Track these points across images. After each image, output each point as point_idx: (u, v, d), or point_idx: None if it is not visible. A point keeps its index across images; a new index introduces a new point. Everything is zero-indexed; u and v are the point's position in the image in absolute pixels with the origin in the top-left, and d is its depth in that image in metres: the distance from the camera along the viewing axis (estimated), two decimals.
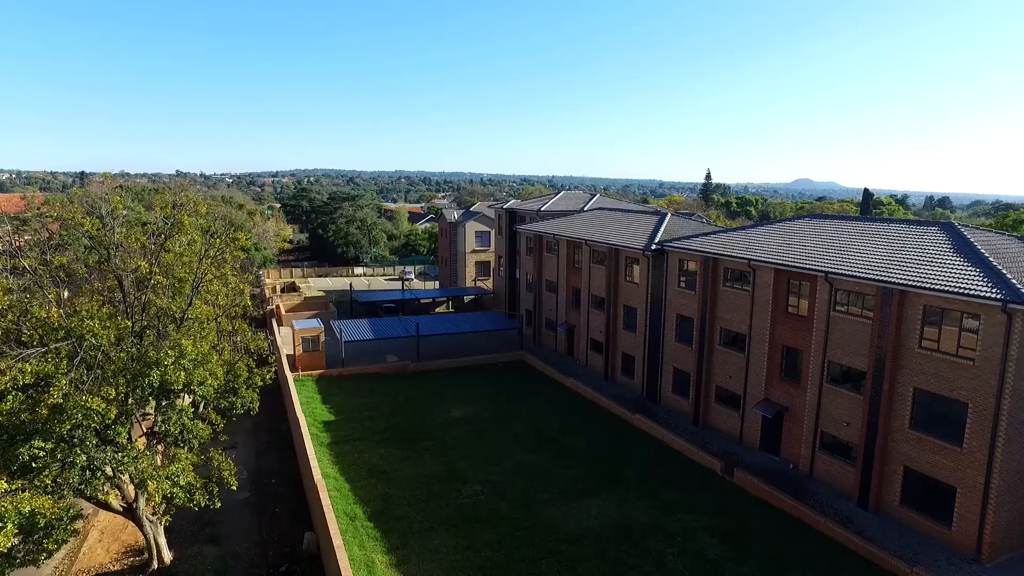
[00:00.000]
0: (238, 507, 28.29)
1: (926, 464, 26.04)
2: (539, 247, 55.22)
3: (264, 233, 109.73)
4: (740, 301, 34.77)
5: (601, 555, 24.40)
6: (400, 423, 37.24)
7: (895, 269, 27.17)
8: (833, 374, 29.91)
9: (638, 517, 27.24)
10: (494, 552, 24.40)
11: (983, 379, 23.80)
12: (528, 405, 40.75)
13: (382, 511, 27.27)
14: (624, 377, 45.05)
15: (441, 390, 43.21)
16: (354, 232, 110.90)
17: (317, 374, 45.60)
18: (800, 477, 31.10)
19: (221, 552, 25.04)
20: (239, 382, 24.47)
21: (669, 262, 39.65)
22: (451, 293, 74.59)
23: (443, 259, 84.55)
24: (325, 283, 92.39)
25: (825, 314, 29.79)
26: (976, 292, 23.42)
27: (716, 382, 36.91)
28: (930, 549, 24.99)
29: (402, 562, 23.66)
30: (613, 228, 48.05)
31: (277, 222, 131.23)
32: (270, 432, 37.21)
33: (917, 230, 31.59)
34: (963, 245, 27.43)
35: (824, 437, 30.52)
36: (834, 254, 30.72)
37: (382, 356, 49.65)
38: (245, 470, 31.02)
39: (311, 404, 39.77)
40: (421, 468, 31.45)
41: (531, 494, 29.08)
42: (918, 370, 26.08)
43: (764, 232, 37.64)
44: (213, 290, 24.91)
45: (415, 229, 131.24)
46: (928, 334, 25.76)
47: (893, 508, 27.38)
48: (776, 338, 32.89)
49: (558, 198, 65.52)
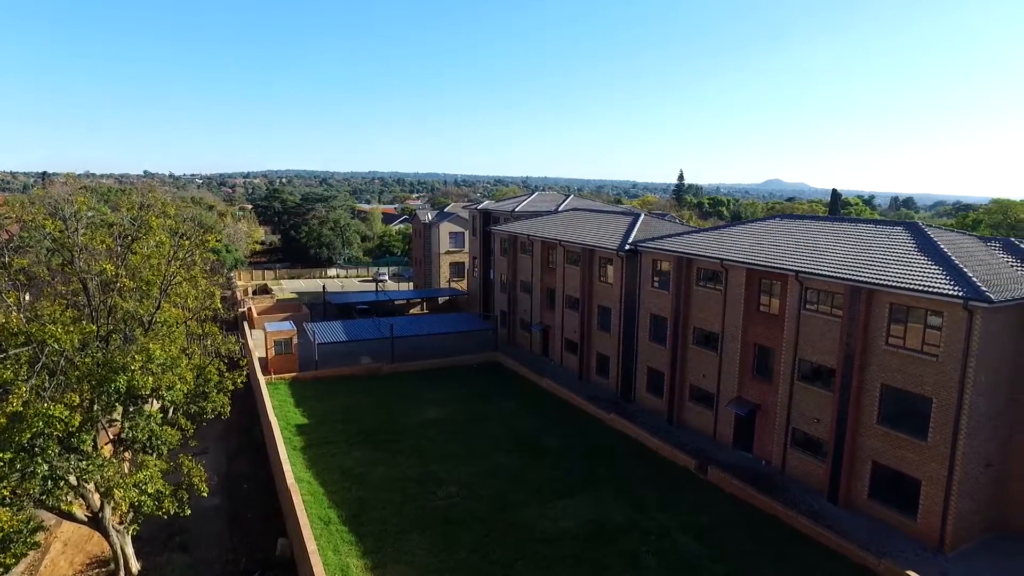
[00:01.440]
0: (209, 514, 27.78)
1: (893, 458, 26.59)
2: (513, 248, 55.23)
3: (235, 235, 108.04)
4: (713, 300, 35.15)
5: (577, 555, 24.46)
6: (374, 425, 36.93)
7: (863, 268, 27.70)
8: (804, 372, 30.39)
9: (613, 516, 27.36)
10: (470, 554, 24.32)
11: (946, 374, 24.39)
12: (503, 406, 40.71)
13: (357, 515, 27.01)
14: (599, 377, 45.25)
15: (416, 392, 42.97)
16: (327, 233, 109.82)
17: (290, 377, 45.03)
18: (773, 473, 31.53)
19: (192, 560, 24.56)
20: (209, 386, 24.03)
21: (643, 262, 39.94)
22: (425, 294, 74.28)
23: (417, 260, 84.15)
24: (298, 285, 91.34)
25: (796, 313, 30.26)
26: (939, 290, 23.99)
27: (690, 381, 37.26)
28: (897, 541, 25.52)
29: (377, 566, 23.46)
30: (587, 229, 48.26)
31: (248, 223, 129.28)
32: (242, 436, 36.63)
33: (883, 230, 32.25)
34: (927, 244, 28.08)
35: (795, 434, 30.99)
36: (804, 254, 31.22)
37: (356, 358, 49.22)
38: (216, 476, 30.47)
39: (284, 407, 39.25)
40: (396, 471, 31.22)
41: (506, 495, 29.05)
42: (885, 367, 26.63)
43: (736, 232, 38.11)
44: (182, 293, 24.43)
45: (389, 230, 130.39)
46: (894, 331, 26.31)
47: (862, 502, 27.91)
48: (748, 337, 33.32)
49: (532, 199, 65.61)
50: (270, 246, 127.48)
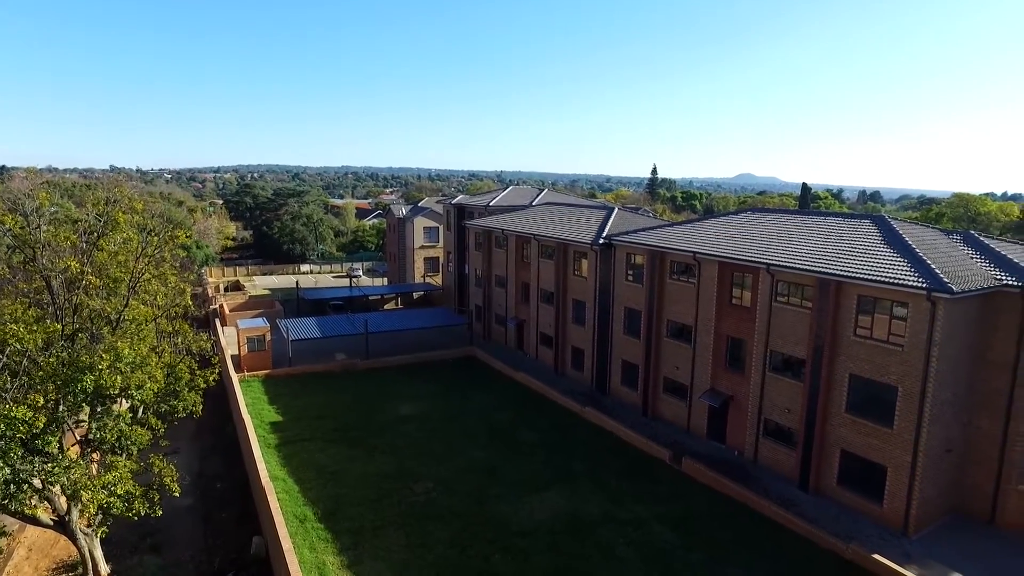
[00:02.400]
0: (182, 514, 27.40)
1: (860, 446, 27.22)
2: (488, 242, 55.19)
3: (206, 230, 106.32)
4: (686, 293, 35.53)
5: (553, 547, 24.64)
6: (350, 422, 36.72)
7: (832, 261, 28.23)
8: (775, 363, 30.91)
9: (589, 509, 27.59)
10: (447, 549, 24.36)
11: (911, 364, 25.02)
12: (479, 400, 40.75)
13: (333, 512, 26.86)
14: (574, 370, 45.51)
15: (391, 387, 42.80)
16: (300, 229, 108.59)
17: (263, 374, 44.52)
18: (745, 463, 32.06)
19: (163, 562, 24.22)
20: (181, 384, 23.61)
21: (617, 256, 40.20)
22: (400, 289, 73.89)
23: (391, 255, 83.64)
24: (271, 281, 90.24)
25: (767, 305, 30.74)
26: (904, 282, 24.56)
27: (664, 373, 37.66)
28: (864, 526, 26.20)
29: (354, 563, 23.37)
30: (562, 223, 48.41)
31: (219, 219, 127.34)
32: (215, 435, 36.16)
33: (852, 223, 32.87)
34: (893, 237, 28.71)
35: (767, 424, 31.54)
36: (775, 247, 31.70)
37: (330, 354, 48.83)
38: (188, 475, 30.03)
39: (257, 405, 38.81)
40: (372, 467, 31.10)
41: (483, 489, 29.12)
42: (853, 357, 27.21)
43: (708, 226, 38.55)
44: (151, 290, 24.00)
45: (363, 225, 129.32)
46: (862, 322, 26.89)
47: (831, 489, 28.53)
48: (721, 329, 33.76)
49: (507, 193, 65.57)
50: (242, 242, 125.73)
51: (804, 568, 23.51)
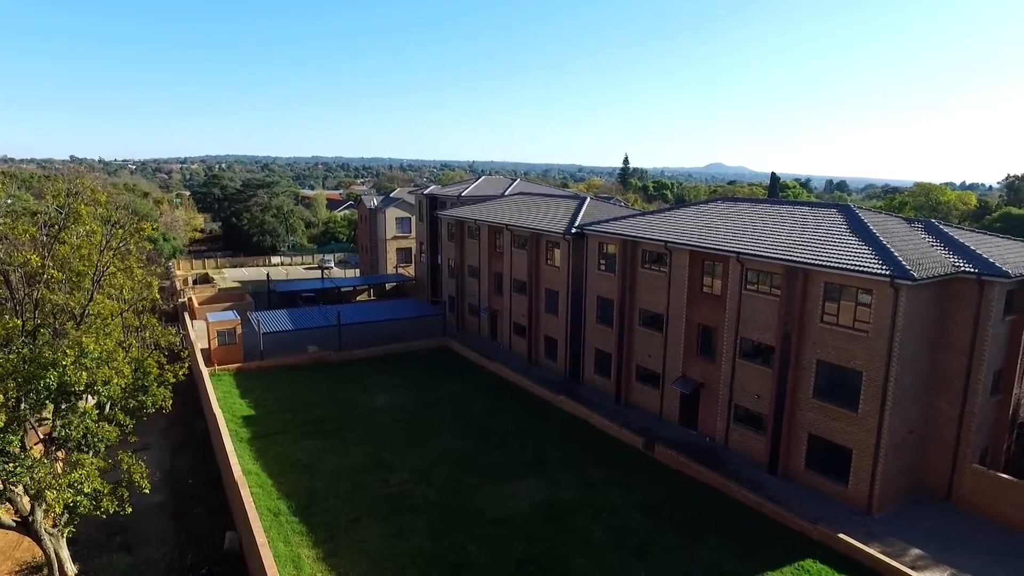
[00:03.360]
0: (152, 511, 27.02)
1: (827, 430, 27.91)
2: (461, 232, 55.05)
3: (173, 222, 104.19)
4: (658, 282, 35.90)
5: (529, 535, 24.86)
6: (323, 415, 36.49)
7: (800, 249, 28.77)
8: (745, 350, 31.45)
9: (564, 496, 27.87)
10: (423, 539, 24.43)
11: (875, 349, 25.68)
12: (453, 391, 40.79)
13: (307, 505, 26.73)
14: (548, 360, 45.77)
15: (365, 379, 42.59)
16: (270, 220, 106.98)
17: (234, 368, 43.95)
18: (716, 449, 32.63)
19: (134, 560, 23.87)
20: (149, 379, 23.17)
21: (589, 245, 40.42)
22: (372, 281, 73.38)
23: (363, 246, 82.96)
24: (241, 273, 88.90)
25: (737, 293, 31.22)
26: (869, 269, 25.17)
27: (636, 361, 38.08)
28: (830, 507, 26.91)
29: (330, 555, 23.32)
30: (534, 213, 48.48)
31: (187, 211, 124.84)
32: (185, 430, 35.65)
33: (819, 212, 33.51)
34: (858, 226, 29.35)
35: (737, 410, 32.12)
36: (745, 236, 32.18)
37: (303, 347, 48.36)
38: (159, 471, 29.63)
39: (229, 399, 38.33)
40: (346, 459, 30.98)
41: (458, 479, 29.22)
42: (820, 343, 27.82)
43: (680, 215, 38.97)
44: (117, 284, 23.51)
45: (334, 216, 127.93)
46: (829, 309, 27.48)
47: (799, 472, 29.22)
48: (692, 317, 34.22)
49: (479, 183, 65.38)
50: (210, 234, 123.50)
51: (773, 549, 24.09)
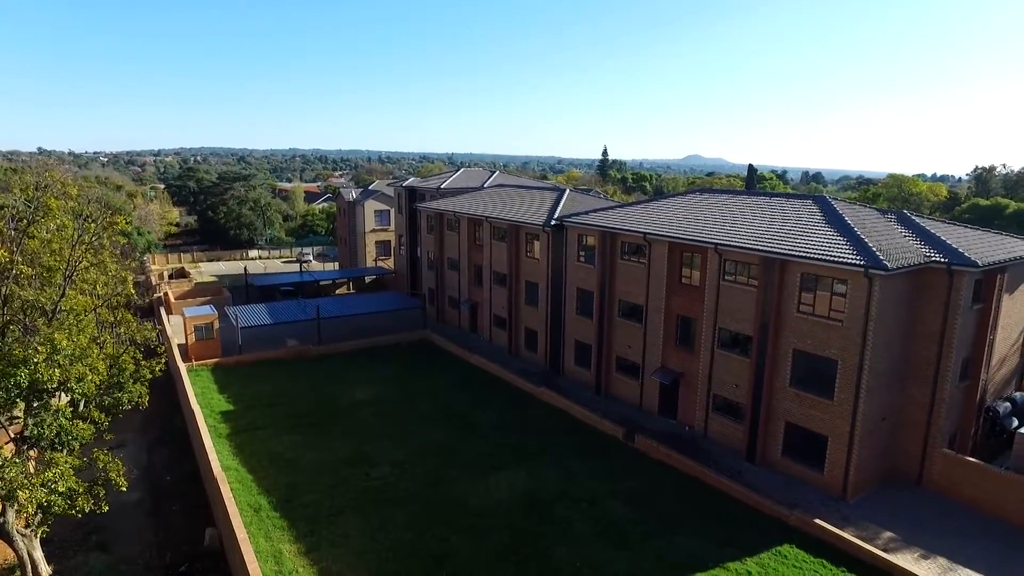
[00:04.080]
0: (130, 509, 26.69)
1: (803, 417, 28.38)
2: (440, 225, 54.87)
3: (147, 216, 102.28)
4: (637, 273, 36.13)
5: (511, 526, 24.99)
6: (303, 409, 36.27)
7: (777, 240, 29.12)
8: (723, 340, 31.80)
9: (545, 487, 28.04)
10: (405, 532, 24.45)
11: (850, 338, 26.13)
12: (434, 383, 40.76)
13: (288, 500, 26.59)
14: (528, 351, 45.89)
15: (345, 373, 42.39)
16: (247, 213, 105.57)
17: (212, 363, 43.47)
18: (696, 438, 33.02)
19: (111, 559, 23.53)
20: (125, 376, 22.83)
21: (568, 237, 40.53)
22: (351, 274, 72.89)
23: (342, 239, 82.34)
24: (218, 267, 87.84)
25: (715, 284, 31.53)
26: (844, 260, 25.57)
27: (616, 352, 38.34)
28: (806, 493, 27.41)
29: (311, 549, 23.25)
30: (513, 205, 48.45)
31: (162, 204, 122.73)
32: (163, 427, 35.23)
33: (795, 203, 33.93)
34: (833, 217, 29.77)
35: (716, 399, 32.51)
36: (723, 227, 32.48)
37: (282, 341, 47.94)
38: (136, 469, 29.21)
39: (207, 394, 37.93)
40: (327, 453, 30.85)
41: (440, 471, 29.26)
42: (797, 332, 28.23)
43: (658, 206, 39.21)
44: (90, 279, 23.03)
45: (312, 209, 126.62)
46: (805, 299, 27.88)
47: (776, 460, 29.69)
48: (671, 308, 34.50)
49: (458, 175, 65.16)
50: (186, 228, 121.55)
51: (751, 535, 24.48)
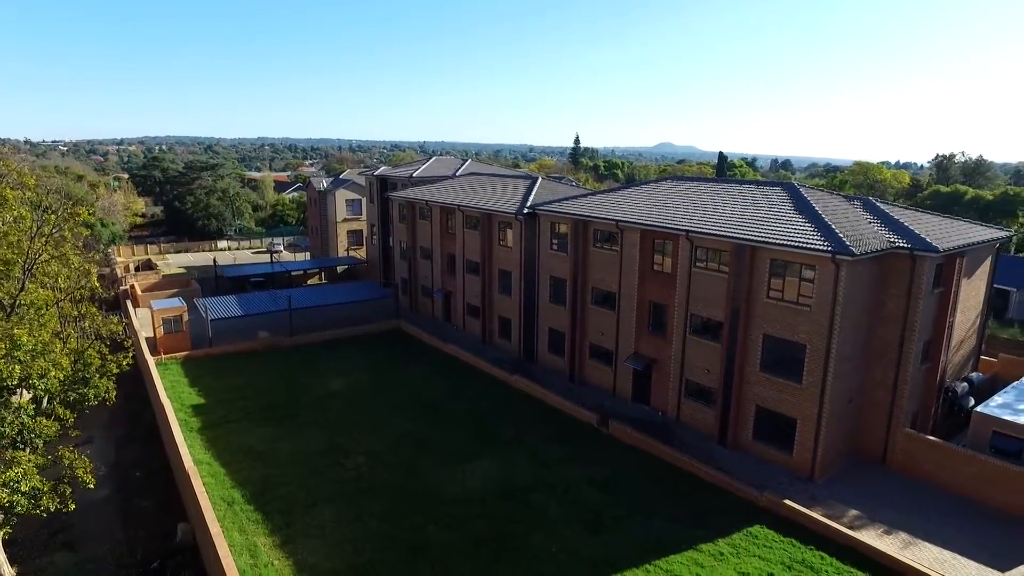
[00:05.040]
0: (98, 506, 26.23)
1: (773, 401, 28.93)
2: (412, 214, 54.50)
3: (111, 207, 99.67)
4: (610, 261, 36.34)
5: (487, 514, 25.12)
6: (276, 401, 35.91)
7: (747, 227, 29.49)
8: (695, 326, 32.19)
9: (521, 474, 28.21)
10: (381, 522, 24.43)
11: (818, 323, 26.66)
12: (408, 373, 40.64)
13: (262, 493, 26.36)
14: (502, 340, 45.97)
15: (318, 364, 42.04)
16: (215, 203, 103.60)
17: (182, 356, 42.76)
18: (668, 423, 33.46)
19: (79, 558, 23.10)
20: (90, 371, 22.40)
21: (541, 225, 40.56)
22: (323, 264, 72.17)
23: (313, 229, 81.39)
24: (186, 259, 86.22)
25: (687, 270, 31.85)
26: (812, 246, 26.02)
27: (589, 340, 38.59)
28: (776, 475, 28.01)
29: (287, 542, 23.12)
30: (486, 193, 48.29)
31: (126, 194, 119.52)
32: (131, 422, 34.61)
33: (764, 190, 34.37)
34: (802, 204, 30.24)
35: (688, 385, 32.94)
36: (694, 214, 32.78)
37: (253, 333, 47.33)
38: (104, 466, 28.74)
39: (177, 388, 37.32)
40: (301, 445, 30.63)
41: (415, 461, 29.25)
42: (766, 318, 28.71)
43: (630, 194, 39.41)
44: (51, 272, 22.51)
45: (282, 199, 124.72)
46: (774, 285, 28.33)
47: (747, 443, 30.26)
48: (644, 295, 34.80)
49: (430, 164, 64.73)
50: (153, 219, 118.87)
51: (723, 517, 24.94)
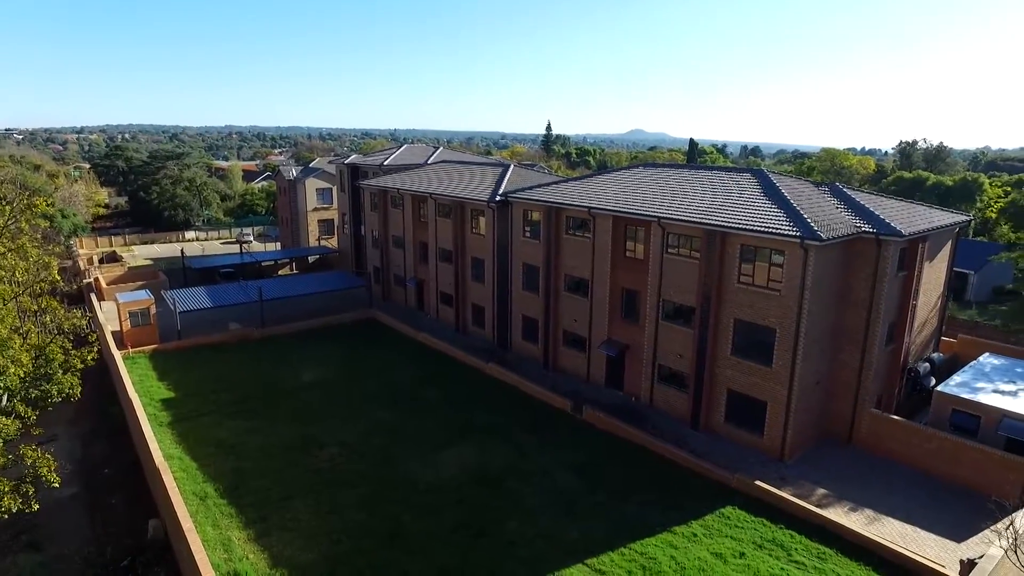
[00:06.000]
0: (64, 505, 25.68)
1: (744, 384, 29.42)
2: (384, 202, 54.00)
3: (72, 198, 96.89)
4: (582, 248, 36.46)
5: (462, 501, 25.18)
6: (248, 393, 35.44)
7: (718, 213, 29.79)
8: (667, 312, 32.51)
9: (496, 461, 28.31)
10: (356, 512, 24.34)
11: (787, 307, 27.12)
12: (381, 362, 40.42)
13: (235, 486, 26.06)
14: (475, 328, 45.94)
15: (290, 355, 41.57)
16: (182, 194, 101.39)
17: (150, 350, 41.91)
18: (642, 408, 33.83)
19: (45, 558, 22.55)
20: (53, 367, 21.88)
21: (514, 213, 40.50)
22: (294, 254, 71.26)
23: (283, 219, 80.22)
24: (152, 250, 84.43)
25: (659, 257, 32.10)
26: (781, 231, 26.39)
27: (563, 326, 38.76)
28: (747, 457, 28.54)
29: (262, 535, 22.90)
30: (458, 181, 48.03)
31: (88, 184, 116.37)
32: (98, 418, 33.89)
33: (735, 177, 34.73)
34: (771, 190, 30.63)
35: (661, 370, 33.31)
36: (666, 200, 33.00)
37: (223, 325, 46.58)
38: (69, 463, 28.06)
39: (145, 382, 36.60)
40: (274, 437, 30.31)
41: (390, 451, 29.17)
42: (737, 303, 29.11)
43: (602, 181, 39.52)
44: (8, 265, 21.81)
45: (251, 188, 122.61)
46: (745, 270, 28.71)
47: (719, 426, 30.75)
48: (616, 281, 35.01)
49: (401, 152, 64.14)
50: (117, 209, 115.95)
51: (696, 499, 25.34)
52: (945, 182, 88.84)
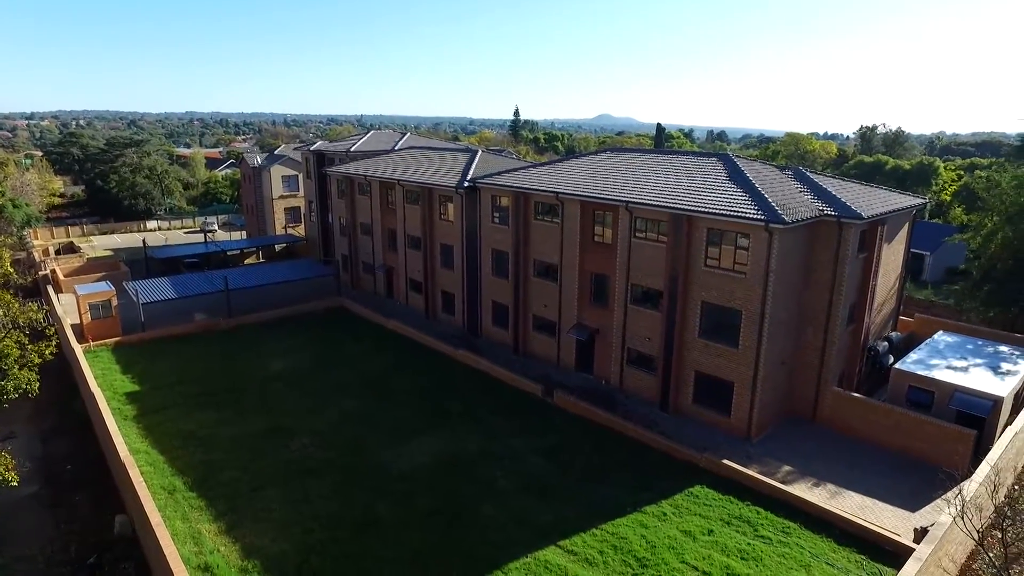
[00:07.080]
0: (25, 504, 25.09)
1: (711, 366, 29.96)
2: (351, 189, 53.38)
3: (24, 187, 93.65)
4: (551, 233, 36.56)
5: (434, 487, 25.28)
6: (215, 385, 34.93)
7: (684, 197, 30.13)
8: (636, 296, 32.87)
9: (467, 447, 28.43)
10: (328, 501, 24.26)
11: (752, 289, 27.64)
12: (350, 351, 40.16)
13: (204, 479, 25.74)
14: (445, 314, 45.88)
15: (258, 345, 41.04)
16: (142, 182, 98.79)
17: (112, 343, 40.95)
18: (612, 391, 34.25)
19: (4, 559, 21.98)
20: (9, 362, 21.31)
21: (482, 199, 40.40)
22: (260, 243, 70.18)
23: (248, 207, 78.81)
24: (112, 241, 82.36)
25: (627, 241, 32.39)
26: (746, 215, 26.82)
27: (533, 312, 38.93)
28: (715, 437, 29.15)
29: (233, 527, 22.70)
30: (425, 167, 47.68)
31: (41, 173, 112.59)
32: (59, 414, 33.09)
33: (701, 161, 35.12)
34: (736, 174, 31.07)
35: (630, 353, 33.72)
36: (633, 185, 33.25)
37: (189, 315, 45.71)
38: (29, 462, 27.39)
39: (109, 376, 35.80)
40: (243, 428, 29.97)
41: (361, 439, 29.09)
42: (704, 285, 29.56)
43: (570, 166, 39.61)
44: None
45: (215, 176, 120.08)
46: (711, 253, 29.12)
47: (688, 408, 31.32)
48: (585, 266, 35.24)
49: (368, 138, 63.39)
50: (73, 199, 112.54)
51: (666, 479, 25.82)
52: (903, 166, 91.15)
